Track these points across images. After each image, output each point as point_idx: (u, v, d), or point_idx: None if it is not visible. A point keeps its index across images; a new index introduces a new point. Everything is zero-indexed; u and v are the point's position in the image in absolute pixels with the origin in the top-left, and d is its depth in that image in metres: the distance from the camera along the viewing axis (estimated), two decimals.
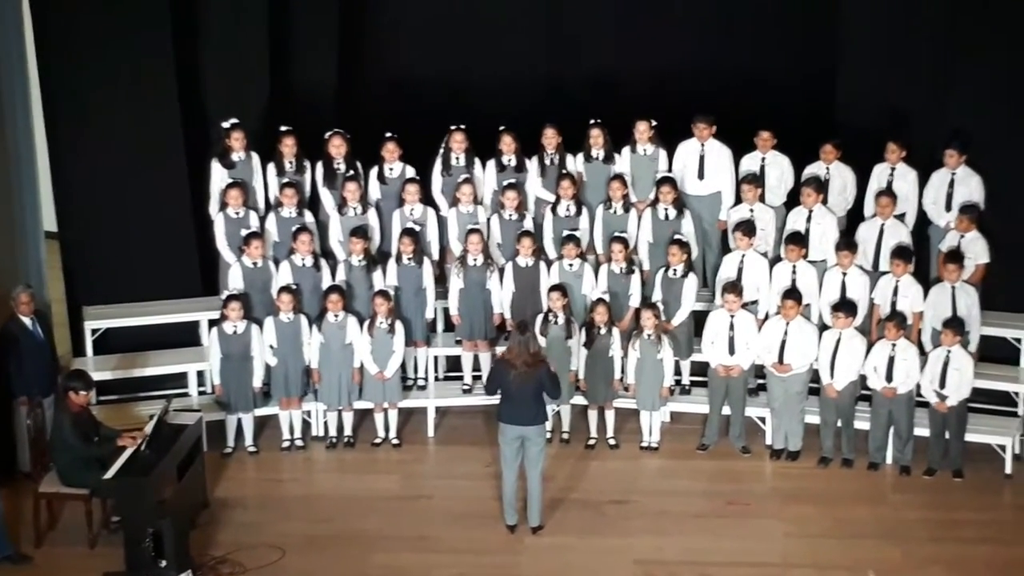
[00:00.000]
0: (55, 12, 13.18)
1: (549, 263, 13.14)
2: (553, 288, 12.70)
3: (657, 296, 12.96)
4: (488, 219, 13.40)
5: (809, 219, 13.06)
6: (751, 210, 13.19)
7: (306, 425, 13.23)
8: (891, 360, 12.30)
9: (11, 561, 11.07)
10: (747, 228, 12.91)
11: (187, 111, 13.62)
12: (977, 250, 12.78)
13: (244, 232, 12.96)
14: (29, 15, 13.36)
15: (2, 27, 12.94)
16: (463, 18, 14.65)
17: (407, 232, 13.02)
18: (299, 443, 13.10)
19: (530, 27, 14.62)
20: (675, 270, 12.89)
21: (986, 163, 13.02)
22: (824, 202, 13.17)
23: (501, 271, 13.12)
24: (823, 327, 12.73)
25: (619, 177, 13.28)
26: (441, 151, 13.53)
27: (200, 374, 13.40)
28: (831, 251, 12.96)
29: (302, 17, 14.18)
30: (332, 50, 14.32)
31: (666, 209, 13.15)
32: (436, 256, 13.43)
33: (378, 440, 13.17)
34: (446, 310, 13.47)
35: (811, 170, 13.37)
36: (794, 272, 12.80)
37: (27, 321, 12.14)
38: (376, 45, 14.74)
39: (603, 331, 12.72)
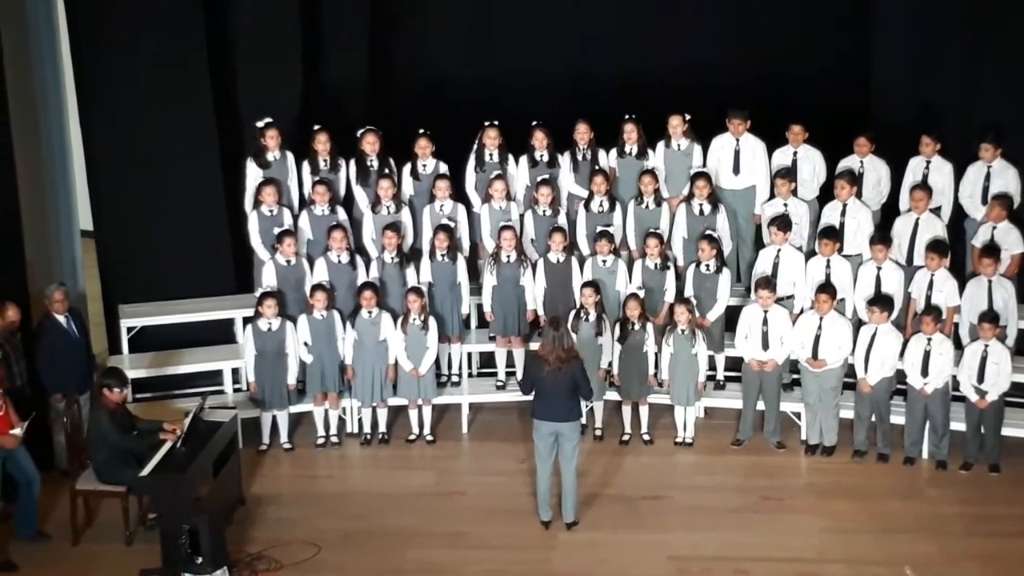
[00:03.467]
0: (88, 12, 13.23)
1: (582, 259, 13.13)
2: (586, 284, 12.68)
3: (689, 291, 12.93)
4: (521, 215, 13.39)
5: (843, 213, 12.99)
6: (785, 204, 13.14)
7: (341, 422, 13.25)
8: (927, 355, 12.24)
9: (31, 539, 11.25)
10: (783, 223, 12.85)
11: (220, 109, 13.65)
12: (1011, 240, 12.70)
13: (277, 230, 13.00)
14: (63, 15, 13.43)
15: (36, 28, 13.04)
16: (495, 14, 14.65)
17: (442, 228, 13.01)
18: (334, 440, 13.13)
19: (562, 22, 14.59)
20: (707, 266, 12.85)
21: (1021, 154, 12.92)
22: (858, 196, 13.10)
23: (534, 267, 13.11)
24: (858, 322, 12.67)
25: (650, 172, 13.24)
26: (475, 147, 13.53)
27: (235, 371, 13.41)
28: (865, 245, 12.88)
29: (334, 15, 14.22)
30: (364, 48, 14.36)
31: (700, 204, 13.11)
32: (467, 252, 13.43)
33: (412, 436, 13.19)
34: (479, 306, 13.48)
35: (845, 163, 13.30)
36: (828, 267, 12.74)
37: (61, 319, 12.22)
38: (408, 42, 14.75)
39: (637, 326, 12.69)
